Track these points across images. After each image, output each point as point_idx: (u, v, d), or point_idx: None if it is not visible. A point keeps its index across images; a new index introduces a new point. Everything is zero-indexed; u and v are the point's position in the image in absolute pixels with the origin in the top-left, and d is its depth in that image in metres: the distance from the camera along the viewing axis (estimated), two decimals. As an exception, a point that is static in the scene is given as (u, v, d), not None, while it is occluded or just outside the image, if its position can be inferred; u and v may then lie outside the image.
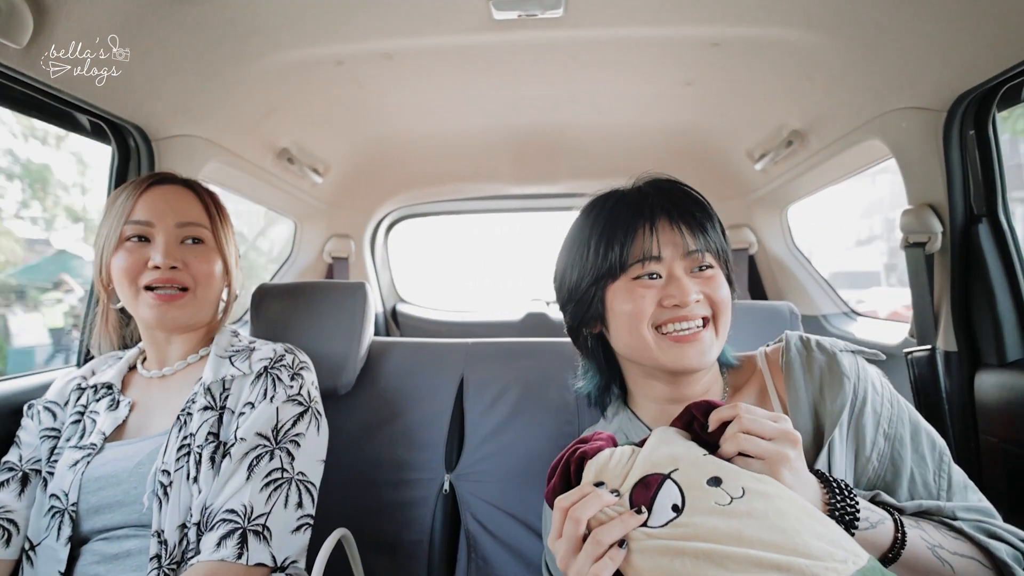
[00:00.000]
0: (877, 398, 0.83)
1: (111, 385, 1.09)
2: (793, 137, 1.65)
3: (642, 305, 0.84)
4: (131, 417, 1.05)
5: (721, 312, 0.86)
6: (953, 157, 1.25)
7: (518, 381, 1.35)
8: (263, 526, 0.91)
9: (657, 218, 0.86)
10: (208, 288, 1.07)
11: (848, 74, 1.33)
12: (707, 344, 0.84)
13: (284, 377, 1.04)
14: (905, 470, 0.80)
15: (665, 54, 1.40)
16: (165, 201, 1.05)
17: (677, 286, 0.83)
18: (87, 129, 1.36)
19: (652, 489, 0.67)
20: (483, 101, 1.69)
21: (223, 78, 1.36)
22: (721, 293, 0.86)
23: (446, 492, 1.27)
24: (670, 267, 0.85)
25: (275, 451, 0.97)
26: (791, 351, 0.89)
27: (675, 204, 0.87)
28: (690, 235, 0.85)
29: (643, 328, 0.85)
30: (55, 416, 1.09)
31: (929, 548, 0.71)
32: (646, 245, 0.84)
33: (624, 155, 2.12)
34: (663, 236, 0.85)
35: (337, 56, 1.38)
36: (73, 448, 1.02)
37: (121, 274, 1.02)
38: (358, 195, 2.46)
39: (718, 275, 0.87)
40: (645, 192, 0.90)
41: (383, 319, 2.86)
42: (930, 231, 1.30)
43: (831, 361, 0.86)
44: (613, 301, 0.87)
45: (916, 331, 1.41)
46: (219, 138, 1.56)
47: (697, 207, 0.88)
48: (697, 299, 0.84)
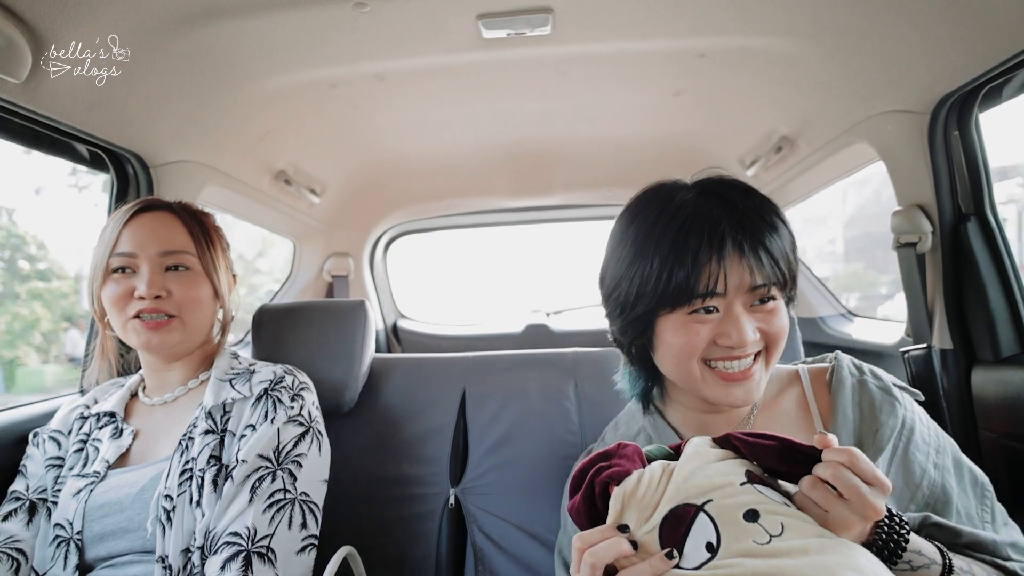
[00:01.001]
0: (924, 429, 0.82)
1: (113, 414, 1.09)
2: (782, 143, 1.68)
3: (695, 342, 0.79)
4: (134, 444, 1.06)
5: (775, 345, 0.81)
6: (939, 158, 1.27)
7: (519, 393, 1.36)
8: (267, 548, 0.91)
9: (728, 249, 0.77)
10: (194, 313, 1.06)
11: (832, 80, 1.35)
12: (755, 381, 0.81)
13: (285, 398, 1.05)
14: (952, 501, 0.77)
15: (653, 66, 1.43)
16: (148, 230, 1.05)
17: (735, 326, 0.78)
18: (86, 158, 1.38)
19: (684, 524, 0.63)
20: (475, 118, 1.72)
21: (218, 103, 1.38)
22: (779, 326, 0.80)
23: (451, 506, 1.28)
24: (731, 303, 0.79)
25: (277, 472, 0.97)
26: (843, 371, 0.87)
27: (747, 229, 0.78)
28: (758, 268, 0.77)
29: (692, 363, 0.80)
30: (59, 445, 1.10)
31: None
32: (712, 280, 0.77)
33: (617, 165, 2.14)
34: (731, 270, 0.77)
35: (330, 79, 1.40)
36: (76, 477, 1.03)
37: (110, 305, 1.03)
38: (356, 214, 2.48)
39: (780, 307, 0.81)
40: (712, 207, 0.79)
41: (384, 336, 2.87)
42: (920, 231, 1.32)
43: (885, 388, 0.84)
44: (664, 331, 0.82)
45: (912, 330, 1.42)
46: (216, 162, 1.58)
47: (768, 228, 0.79)
48: (754, 338, 0.79)
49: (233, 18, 1.11)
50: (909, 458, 0.79)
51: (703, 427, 0.90)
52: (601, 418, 1.29)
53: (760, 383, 0.81)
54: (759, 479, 0.67)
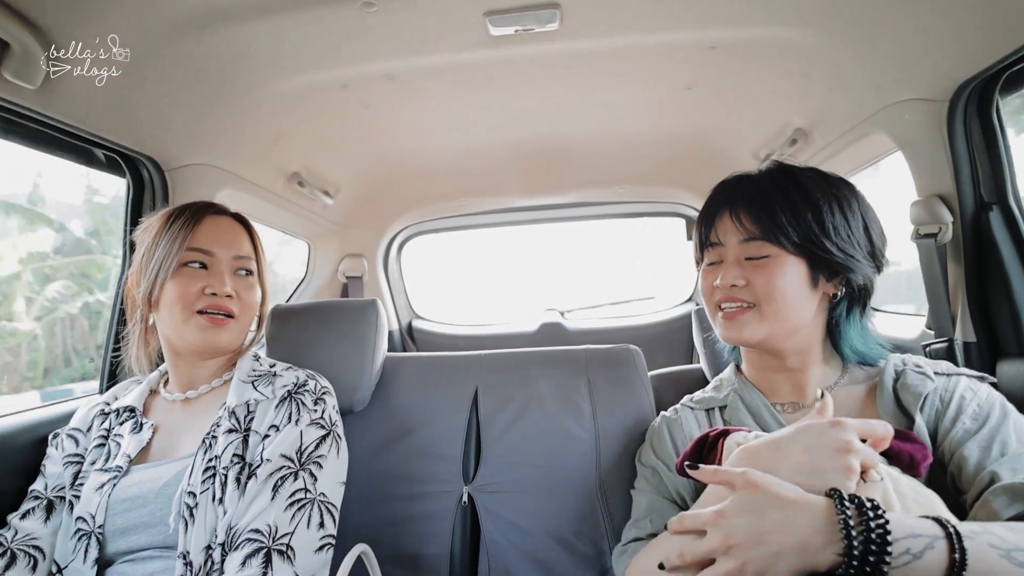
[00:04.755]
0: (970, 394, 0.88)
1: (133, 409, 1.12)
2: (797, 135, 1.65)
3: (705, 287, 1.03)
4: (155, 439, 1.08)
5: (763, 299, 0.94)
6: (959, 146, 1.24)
7: (532, 390, 1.35)
8: (287, 545, 0.93)
9: (724, 208, 0.99)
10: (248, 317, 1.14)
11: (847, 70, 1.32)
12: (743, 323, 0.96)
13: (308, 402, 1.07)
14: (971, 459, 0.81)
15: (663, 60, 1.42)
16: (222, 232, 1.12)
17: (723, 271, 0.97)
18: (102, 162, 1.40)
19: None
20: (486, 116, 1.72)
21: (231, 106, 1.40)
22: (764, 280, 0.93)
23: (465, 504, 1.28)
24: (726, 253, 0.98)
25: (299, 472, 0.99)
26: (889, 364, 0.97)
27: (749, 192, 0.97)
28: (751, 224, 0.94)
29: (710, 303, 1.02)
30: (77, 443, 1.12)
31: (1003, 555, 0.60)
32: (709, 234, 1.01)
33: (629, 162, 2.13)
34: (724, 224, 0.98)
35: (341, 80, 1.41)
36: (99, 471, 1.05)
37: (176, 297, 1.06)
38: (369, 215, 2.49)
39: (773, 264, 0.93)
40: (740, 180, 1.02)
41: (399, 336, 2.88)
42: (941, 221, 1.29)
43: (921, 372, 0.93)
44: (700, 278, 1.06)
45: (933, 323, 1.39)
46: (230, 165, 1.60)
47: (774, 192, 0.95)
48: (739, 284, 0.95)
49: (243, 22, 1.13)
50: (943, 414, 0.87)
51: (771, 386, 1.03)
52: (616, 416, 1.28)
53: (750, 327, 0.95)
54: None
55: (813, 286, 0.95)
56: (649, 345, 1.43)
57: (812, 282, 0.94)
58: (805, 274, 0.93)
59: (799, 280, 0.93)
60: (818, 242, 0.91)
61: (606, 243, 3.39)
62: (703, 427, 1.03)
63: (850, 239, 0.93)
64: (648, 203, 2.64)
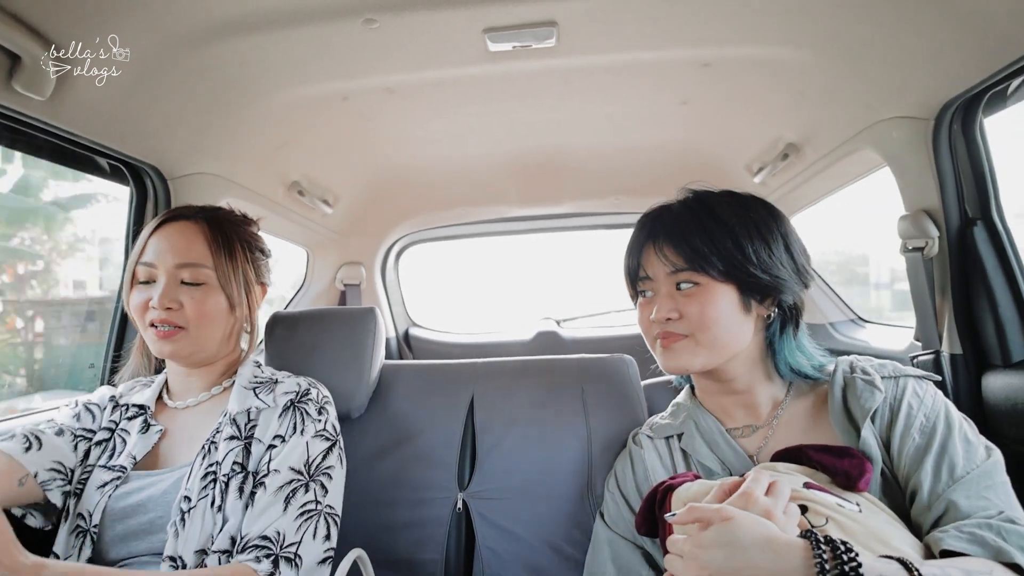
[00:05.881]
0: (916, 402, 0.89)
1: (143, 407, 1.12)
2: (789, 150, 1.69)
3: (642, 321, 1.04)
4: (161, 443, 1.09)
5: (697, 328, 0.95)
6: (944, 163, 1.27)
7: (528, 399, 1.37)
8: (295, 554, 0.94)
9: (648, 242, 1.01)
10: (204, 328, 1.07)
11: (837, 88, 1.36)
12: (679, 352, 0.97)
13: (312, 411, 1.08)
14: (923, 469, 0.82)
15: (658, 76, 1.45)
16: (168, 241, 1.07)
17: (655, 304, 0.99)
18: (106, 171, 1.42)
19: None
20: (484, 128, 1.75)
21: (234, 117, 1.43)
22: (694, 309, 0.95)
23: (459, 511, 1.29)
24: (657, 286, 1.00)
25: (309, 484, 1.00)
26: (837, 373, 0.97)
27: (670, 224, 0.98)
28: (673, 256, 0.96)
29: (649, 335, 1.03)
30: (93, 417, 1.13)
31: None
32: (638, 269, 1.02)
33: (625, 174, 2.16)
34: (650, 258, 1.00)
35: (342, 92, 1.44)
36: (102, 468, 1.05)
37: (133, 312, 1.08)
38: (367, 223, 2.52)
39: (701, 293, 0.95)
40: (660, 212, 1.03)
41: (396, 344, 2.90)
42: (927, 235, 1.32)
43: (869, 381, 0.92)
44: (637, 312, 1.07)
45: (920, 335, 1.42)
46: (232, 174, 1.62)
47: (695, 221, 0.96)
48: (671, 316, 0.96)
49: (248, 34, 1.15)
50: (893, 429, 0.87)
51: (724, 410, 1.04)
52: (609, 424, 1.30)
53: (685, 355, 0.97)
54: (818, 488, 0.78)
55: (746, 310, 0.96)
56: (643, 354, 1.45)
57: (744, 307, 0.96)
58: (736, 300, 0.95)
59: (731, 306, 0.95)
60: (742, 267, 0.93)
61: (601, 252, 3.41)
62: (663, 458, 1.05)
63: (772, 260, 0.95)
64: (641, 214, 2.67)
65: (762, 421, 1.01)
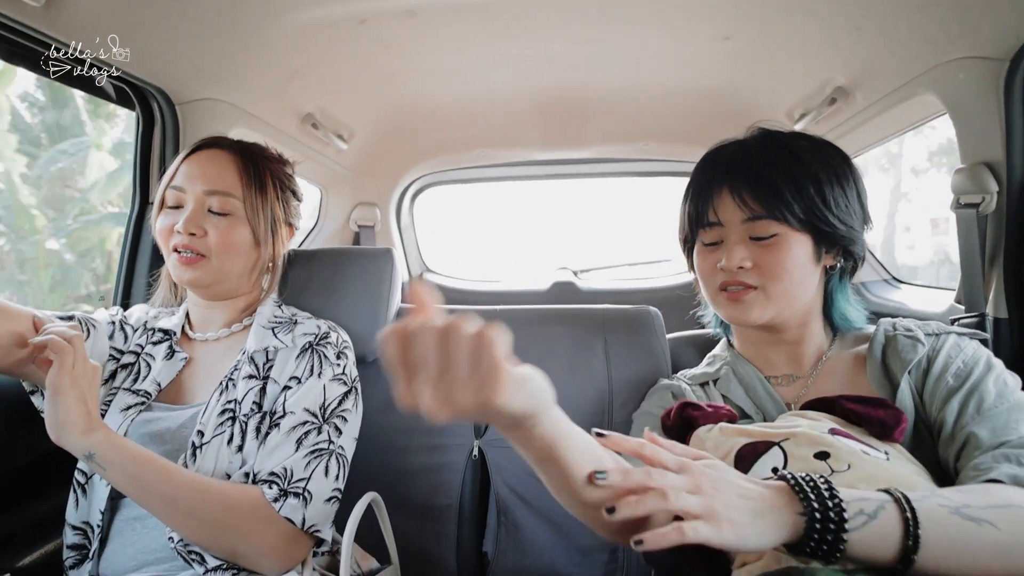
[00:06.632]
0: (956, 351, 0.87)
1: (169, 333, 1.12)
2: (837, 94, 1.56)
3: (704, 268, 0.99)
4: (182, 374, 1.08)
5: (770, 280, 0.91)
6: (1015, 111, 1.16)
7: (547, 348, 1.33)
8: (304, 489, 0.93)
9: (722, 185, 0.93)
10: (226, 258, 1.06)
11: (900, 22, 1.24)
12: (749, 304, 0.93)
13: (330, 355, 1.06)
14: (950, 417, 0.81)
15: (703, 6, 1.33)
16: (200, 167, 1.07)
17: (727, 252, 0.93)
18: (111, 94, 1.35)
19: (757, 453, 0.75)
20: (509, 62, 1.64)
21: (245, 40, 1.34)
22: (772, 261, 0.90)
23: (475, 458, 1.27)
24: (728, 233, 0.94)
25: (323, 427, 0.99)
26: (879, 331, 0.96)
27: (747, 167, 0.92)
28: (755, 203, 0.90)
29: (711, 285, 0.98)
30: (126, 337, 1.12)
31: (953, 512, 0.62)
32: (707, 213, 0.95)
33: (656, 117, 2.04)
34: (724, 203, 0.93)
35: (359, 14, 1.33)
36: (127, 391, 1.05)
37: (158, 235, 1.07)
38: (383, 162, 2.43)
39: (779, 244, 0.90)
40: (734, 152, 0.96)
41: (409, 288, 2.86)
42: (985, 191, 1.23)
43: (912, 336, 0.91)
44: (696, 259, 1.01)
45: (964, 297, 1.34)
46: (243, 102, 1.54)
47: (776, 166, 0.90)
48: (744, 266, 0.91)
49: None
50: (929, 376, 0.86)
51: (766, 359, 1.02)
52: (630, 376, 1.26)
53: (757, 307, 0.93)
54: (844, 434, 0.77)
55: (816, 261, 0.94)
56: (663, 308, 1.40)
57: (816, 257, 0.94)
58: (810, 250, 0.92)
59: (805, 257, 0.92)
60: (823, 217, 0.90)
61: (622, 202, 3.32)
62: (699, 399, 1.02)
63: (848, 210, 0.92)
64: (671, 162, 2.56)
65: (804, 371, 0.99)
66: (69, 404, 0.84)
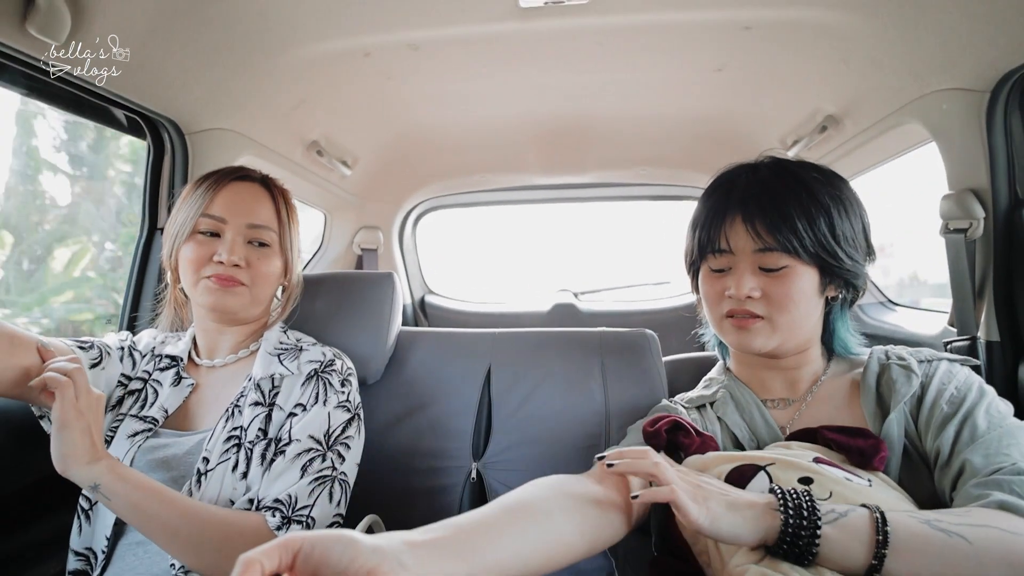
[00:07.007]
0: (948, 377, 0.88)
1: (176, 359, 1.13)
2: (827, 122, 1.61)
3: (711, 294, 0.99)
4: (189, 401, 1.09)
5: (777, 310, 0.92)
6: (996, 140, 1.20)
7: (545, 370, 1.35)
8: (308, 516, 0.94)
9: (736, 213, 0.93)
10: (263, 288, 1.11)
11: (886, 56, 1.28)
12: (755, 334, 0.94)
13: (335, 382, 1.08)
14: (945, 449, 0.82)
15: (695, 39, 1.38)
16: (240, 199, 1.09)
17: (735, 280, 0.93)
18: (123, 124, 1.40)
19: (745, 479, 0.76)
20: (509, 91, 1.69)
21: (253, 71, 1.38)
22: (781, 292, 0.91)
23: (473, 480, 1.28)
24: (738, 261, 0.94)
25: (327, 454, 1.00)
26: (872, 359, 0.96)
27: (761, 198, 0.91)
28: (768, 235, 0.90)
29: (717, 311, 0.98)
30: (134, 364, 1.13)
31: (923, 522, 0.66)
32: (718, 239, 0.94)
33: (653, 143, 2.09)
34: (736, 231, 0.93)
35: (364, 48, 1.39)
36: (133, 418, 1.05)
37: (187, 263, 1.07)
38: (386, 187, 2.48)
39: (788, 276, 0.91)
40: (747, 179, 0.95)
41: (411, 310, 2.89)
42: (972, 216, 1.26)
43: (905, 366, 0.91)
44: (702, 284, 1.01)
45: (956, 320, 1.36)
46: (251, 131, 1.58)
47: (791, 199, 0.90)
48: (754, 295, 0.92)
49: None
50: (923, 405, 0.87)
51: (762, 382, 1.03)
52: (627, 398, 1.27)
53: (763, 336, 0.93)
54: (828, 462, 0.78)
55: (820, 292, 0.95)
56: (662, 331, 1.42)
57: (820, 288, 0.94)
58: (816, 282, 0.93)
59: (811, 289, 0.93)
60: (831, 251, 0.91)
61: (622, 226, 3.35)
62: (695, 422, 1.03)
63: (854, 243, 0.93)
64: (668, 186, 2.61)
65: (798, 395, 1.00)
66: (74, 438, 0.84)
